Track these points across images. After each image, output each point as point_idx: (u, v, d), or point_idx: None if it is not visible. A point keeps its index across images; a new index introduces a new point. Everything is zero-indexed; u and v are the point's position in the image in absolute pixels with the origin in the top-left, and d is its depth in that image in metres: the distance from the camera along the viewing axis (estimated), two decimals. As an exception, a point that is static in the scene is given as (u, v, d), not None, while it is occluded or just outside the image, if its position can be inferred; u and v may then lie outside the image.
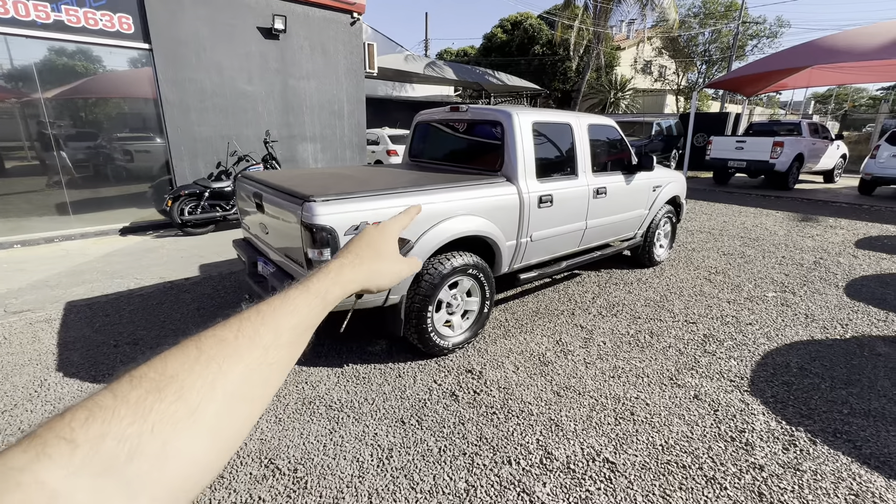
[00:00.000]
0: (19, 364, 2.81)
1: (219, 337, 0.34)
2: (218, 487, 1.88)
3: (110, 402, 0.27)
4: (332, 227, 2.22)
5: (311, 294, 0.42)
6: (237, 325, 0.36)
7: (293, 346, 0.39)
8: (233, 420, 0.32)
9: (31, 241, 5.37)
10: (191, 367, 0.32)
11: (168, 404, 0.29)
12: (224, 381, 0.32)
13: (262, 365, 0.35)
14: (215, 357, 0.33)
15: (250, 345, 0.35)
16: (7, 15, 4.83)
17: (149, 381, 0.29)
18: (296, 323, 0.39)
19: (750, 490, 1.90)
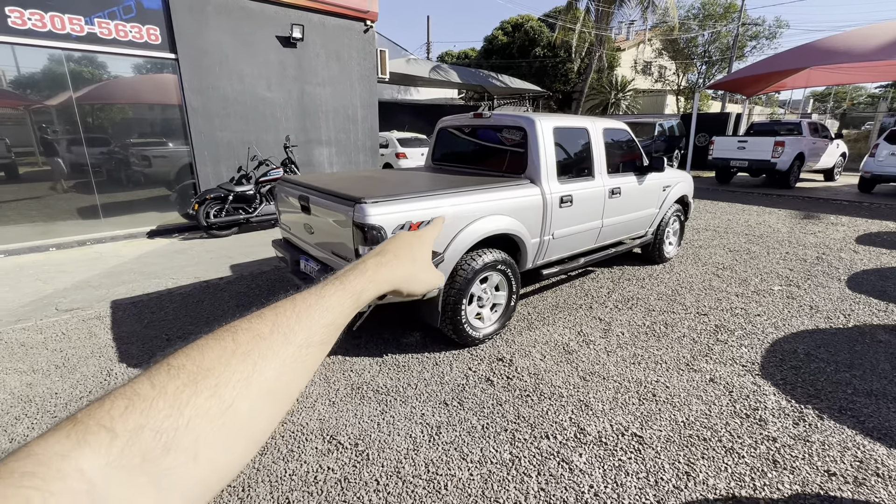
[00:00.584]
0: (83, 356, 3.04)
1: (255, 331, 0.35)
2: (290, 459, 2.10)
3: (149, 392, 0.27)
4: (381, 226, 2.45)
5: (346, 293, 0.42)
6: (272, 319, 0.36)
7: (324, 346, 0.39)
8: (263, 418, 0.33)
9: (65, 244, 5.60)
10: (227, 361, 0.32)
11: (204, 399, 0.29)
12: (259, 378, 0.32)
13: (295, 362, 0.35)
14: (251, 353, 0.33)
15: (285, 342, 0.35)
16: (45, 29, 5.07)
17: (186, 374, 0.30)
18: (329, 321, 0.39)
19: (765, 458, 2.12)
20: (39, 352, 3.10)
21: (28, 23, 4.97)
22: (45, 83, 5.38)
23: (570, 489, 1.94)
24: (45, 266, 4.93)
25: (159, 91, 6.12)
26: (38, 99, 5.39)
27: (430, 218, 2.09)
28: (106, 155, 5.96)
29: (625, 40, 27.81)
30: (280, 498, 1.89)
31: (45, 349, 3.14)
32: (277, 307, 0.37)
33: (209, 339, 0.33)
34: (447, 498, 1.89)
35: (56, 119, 5.58)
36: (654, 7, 16.08)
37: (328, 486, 1.95)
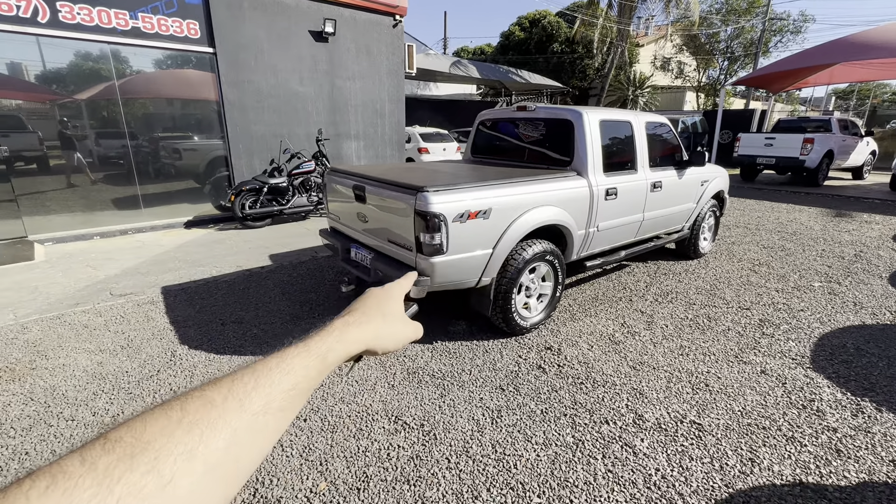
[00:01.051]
0: (145, 338, 3.16)
1: (206, 398, 0.32)
2: (360, 437, 2.18)
3: (77, 469, 0.25)
4: (443, 214, 2.51)
5: (310, 354, 0.40)
6: (228, 385, 0.34)
7: (286, 412, 0.36)
8: (209, 496, 0.30)
9: (109, 233, 5.77)
10: (171, 432, 0.29)
11: (139, 475, 0.26)
12: (205, 451, 0.30)
13: (250, 432, 0.33)
14: (198, 422, 0.31)
15: (239, 409, 0.33)
16: (92, 23, 5.21)
17: (123, 447, 0.27)
18: (290, 386, 0.37)
19: (828, 447, 2.14)
20: (103, 333, 3.23)
21: (77, 17, 5.12)
22: (91, 77, 5.53)
23: (636, 471, 1.98)
24: (91, 253, 5.09)
25: (198, 85, 6.25)
26: (85, 92, 5.55)
27: (486, 208, 2.14)
28: (147, 147, 6.12)
29: (644, 35, 27.44)
30: (357, 472, 1.97)
31: (107, 331, 3.27)
32: (236, 373, 0.35)
33: (156, 409, 0.31)
34: (518, 476, 1.95)
35: (101, 112, 5.74)
36: (678, 1, 15.85)
37: (402, 463, 2.02)
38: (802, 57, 11.01)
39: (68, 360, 2.87)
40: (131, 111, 5.87)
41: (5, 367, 2.76)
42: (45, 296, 3.86)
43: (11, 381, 2.63)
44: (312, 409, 2.38)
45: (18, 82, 5.22)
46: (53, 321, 3.40)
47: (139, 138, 6.00)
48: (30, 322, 3.38)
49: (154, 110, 6.18)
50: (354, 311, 0.50)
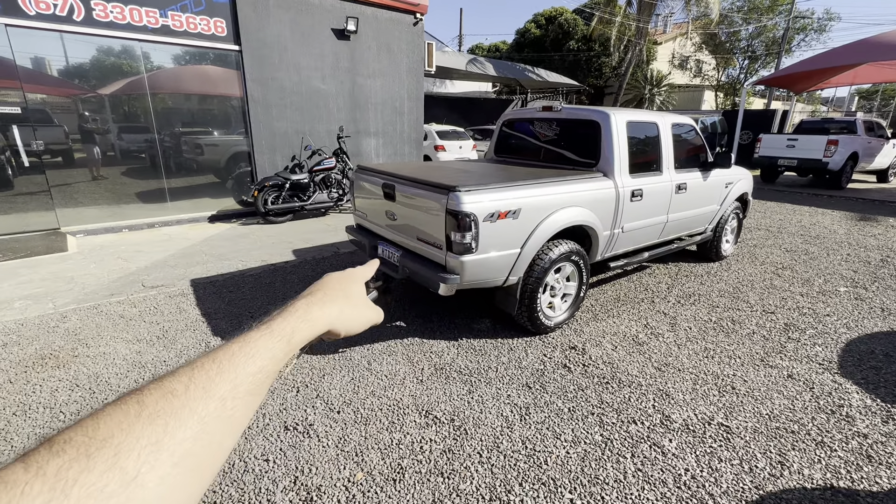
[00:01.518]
0: (179, 330, 3.26)
1: (165, 389, 0.30)
2: (393, 430, 2.24)
3: (21, 477, 0.23)
4: (474, 214, 2.55)
5: (274, 336, 0.39)
6: (188, 374, 0.32)
7: (253, 396, 0.35)
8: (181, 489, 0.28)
9: (136, 226, 5.93)
10: (130, 425, 0.27)
11: (98, 475, 0.24)
12: (171, 442, 0.28)
13: (218, 419, 0.31)
14: (160, 413, 0.29)
15: (205, 396, 0.31)
16: (124, 21, 5.34)
17: (74, 448, 0.25)
18: (257, 369, 0.36)
19: (858, 453, 2.14)
20: (138, 324, 3.34)
21: (110, 15, 5.25)
22: (120, 73, 5.68)
23: (666, 471, 2.01)
24: (121, 246, 5.24)
25: (223, 81, 6.37)
26: (114, 87, 5.70)
27: (516, 208, 2.18)
28: (173, 142, 6.26)
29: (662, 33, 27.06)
30: (392, 463, 2.03)
31: (142, 321, 3.38)
32: (194, 363, 0.34)
33: (107, 407, 0.28)
34: (549, 472, 1.99)
35: (130, 107, 5.89)
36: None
37: (435, 456, 2.08)
38: (828, 57, 10.79)
39: (108, 348, 2.98)
40: (159, 107, 6.01)
41: (50, 355, 2.88)
42: (81, 286, 3.99)
43: (56, 368, 2.74)
44: (345, 402, 2.45)
45: (50, 78, 5.38)
46: (91, 311, 3.53)
47: (166, 133, 6.14)
48: (68, 311, 3.51)
49: (181, 106, 6.31)
50: (316, 292, 0.49)
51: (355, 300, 0.52)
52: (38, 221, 5.47)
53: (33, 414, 2.33)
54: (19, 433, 2.19)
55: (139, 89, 5.80)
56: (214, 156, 6.73)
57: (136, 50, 5.62)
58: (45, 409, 2.36)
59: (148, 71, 5.78)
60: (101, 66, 5.55)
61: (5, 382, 2.58)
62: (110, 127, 5.81)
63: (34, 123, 5.23)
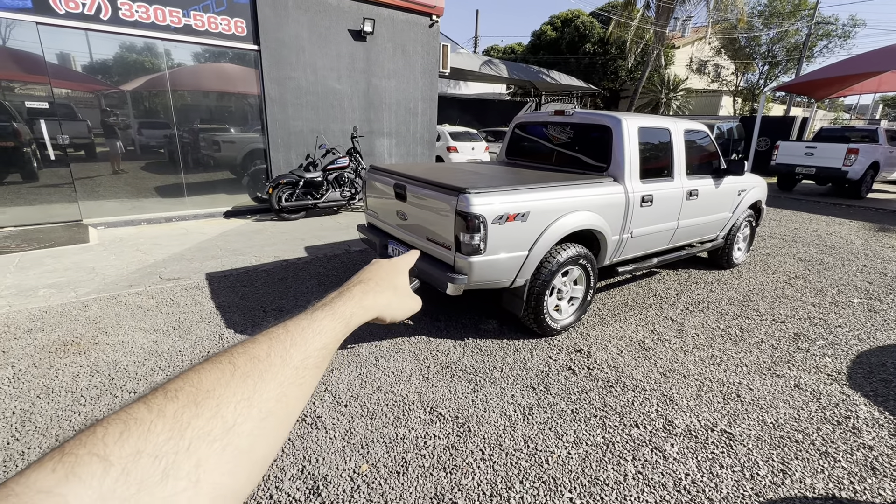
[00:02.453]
0: (194, 321, 3.36)
1: (251, 354, 0.34)
2: (398, 425, 2.30)
3: (146, 415, 0.26)
4: (483, 215, 2.59)
5: (336, 318, 0.43)
6: (267, 343, 0.36)
7: (318, 369, 0.39)
8: (266, 440, 0.32)
9: (155, 219, 6.09)
10: (227, 382, 0.31)
11: (206, 420, 0.28)
12: (260, 400, 0.32)
13: (293, 385, 0.35)
14: (250, 374, 0.32)
15: (283, 364, 0.35)
16: (149, 20, 5.50)
17: (185, 395, 0.29)
18: (322, 345, 0.39)
19: (862, 464, 2.14)
20: (155, 315, 3.45)
21: (135, 15, 5.41)
22: (143, 69, 5.84)
23: (667, 475, 2.03)
24: (140, 238, 5.40)
25: (242, 80, 6.51)
26: (137, 84, 5.86)
27: (525, 211, 2.22)
28: (191, 138, 6.41)
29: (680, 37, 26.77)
30: (396, 457, 2.08)
31: (159, 312, 3.49)
32: (271, 332, 0.37)
33: (205, 364, 0.32)
34: (550, 472, 2.03)
35: (152, 103, 6.06)
36: (720, 2, 15.42)
37: (438, 451, 2.12)
38: (851, 63, 10.59)
39: (126, 337, 3.09)
40: (179, 103, 6.16)
41: (72, 342, 3.00)
42: (102, 277, 4.13)
43: (78, 354, 2.85)
44: (352, 396, 2.52)
45: (76, 73, 5.55)
46: (110, 301, 3.65)
47: (185, 129, 6.29)
48: (90, 300, 3.64)
49: (199, 103, 6.47)
50: (369, 280, 0.52)
51: (402, 291, 0.56)
52: (62, 213, 5.66)
53: (55, 397, 2.44)
54: (43, 415, 2.30)
55: (160, 86, 5.96)
56: (231, 152, 6.88)
57: (158, 48, 5.78)
58: (67, 393, 2.47)
59: (169, 68, 5.94)
60: (124, 62, 5.72)
61: (30, 367, 2.70)
62: (131, 122, 5.98)
63: (60, 118, 5.41)
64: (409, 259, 0.63)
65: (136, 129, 6.05)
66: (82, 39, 5.36)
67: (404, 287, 0.57)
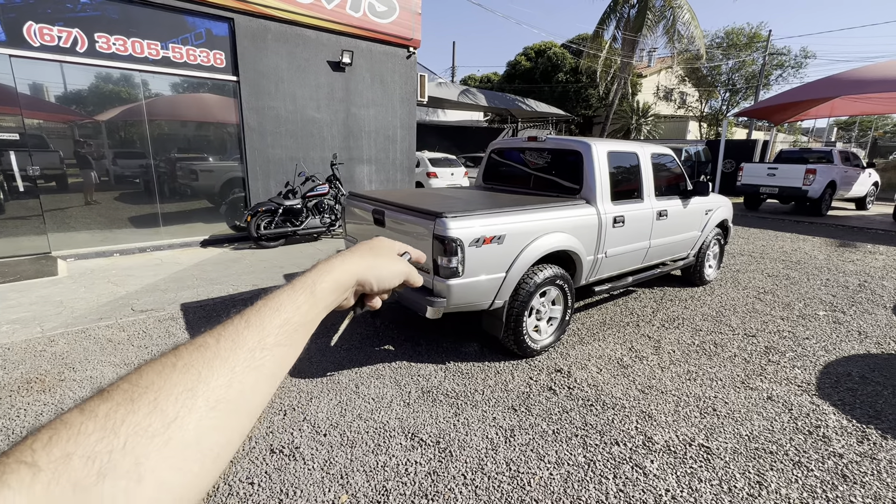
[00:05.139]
0: (167, 353, 3.26)
1: (197, 344, 0.33)
2: (378, 453, 2.26)
3: (77, 418, 0.26)
4: (460, 239, 2.64)
5: (295, 289, 0.41)
6: (218, 331, 0.35)
7: (284, 347, 0.37)
8: (218, 432, 0.31)
9: (128, 250, 5.95)
10: (168, 375, 0.30)
11: (142, 416, 0.27)
12: (205, 388, 0.31)
13: (248, 369, 0.33)
14: (194, 363, 0.31)
15: (233, 347, 0.34)
16: (126, 53, 5.53)
17: (120, 393, 0.28)
18: (282, 321, 0.37)
19: (834, 472, 2.20)
20: (126, 347, 3.34)
21: (112, 47, 5.44)
22: (119, 100, 5.83)
23: (647, 492, 2.04)
24: (112, 270, 5.25)
25: (220, 109, 6.55)
26: (112, 114, 5.83)
27: (501, 233, 2.27)
28: (168, 167, 6.37)
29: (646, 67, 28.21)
30: (377, 486, 2.04)
31: (131, 346, 3.38)
32: (225, 322, 0.37)
33: (150, 361, 0.32)
34: (532, 494, 2.02)
35: (127, 133, 6.02)
36: (680, 36, 16.41)
37: (419, 478, 2.09)
38: (802, 90, 11.33)
39: (95, 372, 2.98)
40: (156, 133, 6.14)
41: (36, 378, 2.87)
42: (70, 310, 3.99)
43: (42, 392, 2.73)
44: (332, 425, 2.47)
45: (49, 104, 5.50)
46: (79, 335, 3.52)
47: (161, 159, 6.25)
48: (56, 335, 3.50)
49: (177, 132, 6.46)
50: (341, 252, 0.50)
51: (383, 252, 0.51)
52: (29, 245, 5.48)
53: (16, 438, 2.31)
54: (1, 458, 2.17)
55: (136, 116, 5.94)
56: (209, 181, 6.84)
57: (135, 78, 5.79)
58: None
59: (146, 98, 5.94)
60: (99, 93, 5.70)
61: (-11, 407, 2.57)
62: (106, 152, 5.91)
63: (31, 149, 5.32)
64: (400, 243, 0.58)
65: (111, 160, 5.98)
66: (57, 71, 5.34)
67: (387, 251, 0.53)
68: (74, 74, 5.45)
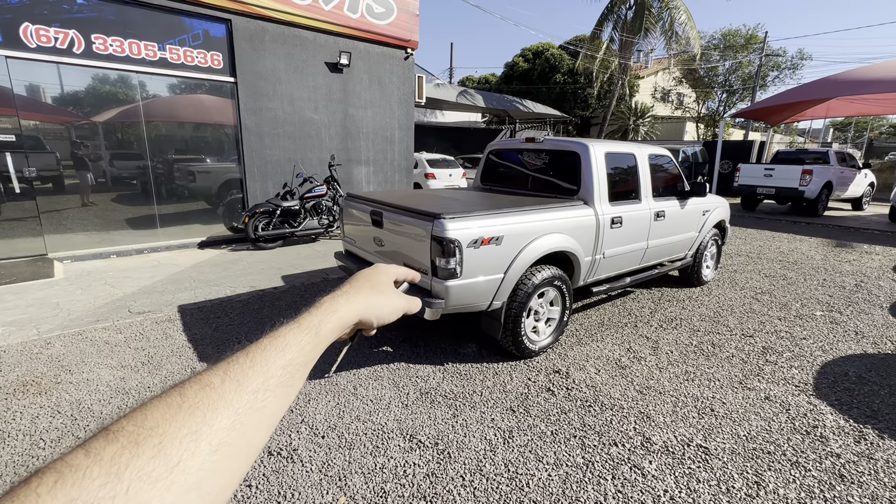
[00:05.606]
0: (165, 355, 3.25)
1: (203, 383, 0.33)
2: (377, 454, 2.25)
3: (82, 461, 0.26)
4: (458, 240, 2.64)
5: (301, 330, 0.41)
6: (224, 368, 0.35)
7: (285, 388, 0.37)
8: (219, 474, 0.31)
9: (125, 252, 5.93)
10: (173, 416, 0.30)
11: (146, 460, 0.27)
12: (209, 432, 0.31)
13: (251, 410, 0.34)
14: (199, 405, 0.31)
15: (238, 389, 0.34)
16: (123, 54, 5.52)
17: (126, 435, 0.28)
18: (286, 362, 0.38)
19: (831, 472, 2.20)
20: (123, 350, 3.33)
21: (109, 49, 5.42)
22: (116, 101, 5.81)
23: (646, 493, 2.04)
24: (109, 272, 5.23)
25: (218, 111, 6.54)
26: (110, 115, 5.82)
27: (499, 234, 2.28)
28: (165, 169, 6.35)
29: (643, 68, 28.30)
30: (375, 488, 2.04)
31: (127, 347, 3.37)
32: (231, 358, 0.36)
33: (155, 399, 0.32)
34: (531, 495, 2.01)
35: (124, 134, 6.00)
36: (678, 37, 16.47)
37: (418, 480, 2.09)
38: (798, 91, 11.38)
39: (91, 374, 2.97)
40: (153, 134, 6.12)
41: (32, 381, 2.86)
42: (67, 312, 3.97)
43: (38, 395, 2.72)
44: (330, 427, 2.46)
45: (45, 105, 5.48)
46: (75, 337, 3.51)
47: (158, 160, 6.23)
48: (52, 337, 3.49)
49: (174, 133, 6.44)
50: (345, 286, 0.50)
51: (382, 288, 0.52)
52: (26, 247, 5.46)
53: (12, 441, 2.30)
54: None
55: (133, 117, 5.92)
56: (206, 182, 6.82)
57: (132, 80, 5.78)
58: (25, 437, 2.34)
59: (143, 99, 5.93)
60: (96, 94, 5.68)
61: (-16, 410, 2.55)
62: (102, 154, 5.89)
63: (27, 150, 5.30)
64: (397, 269, 0.59)
65: (108, 161, 5.96)
66: (53, 72, 5.32)
67: (385, 286, 0.53)
68: (71, 75, 5.43)
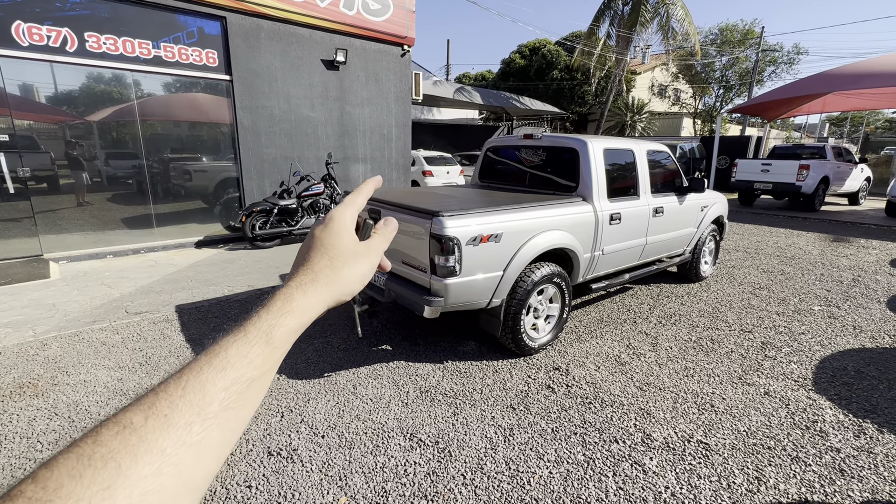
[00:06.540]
0: (162, 356, 3.24)
1: (122, 424, 0.28)
2: (377, 454, 2.24)
3: None
4: (457, 238, 2.63)
5: (248, 340, 0.35)
6: (150, 402, 0.30)
7: (234, 410, 0.32)
8: None
9: (121, 252, 5.89)
10: (80, 472, 0.25)
11: None
12: (126, 483, 0.26)
13: (183, 447, 0.29)
14: (115, 453, 0.27)
15: (164, 426, 0.29)
16: (117, 52, 5.46)
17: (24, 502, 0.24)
18: (230, 382, 0.33)
19: (831, 467, 2.21)
20: (121, 351, 3.31)
21: (103, 47, 5.37)
22: (110, 100, 5.76)
23: (647, 489, 2.04)
24: (105, 272, 5.20)
25: (213, 109, 6.49)
26: (104, 115, 5.76)
27: (498, 232, 2.26)
28: (161, 168, 6.30)
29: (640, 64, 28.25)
30: (376, 487, 2.03)
31: (125, 348, 3.34)
32: (160, 387, 0.31)
33: (64, 451, 0.27)
34: (532, 493, 2.01)
35: (119, 133, 5.95)
36: (674, 33, 16.45)
37: (419, 479, 2.08)
38: (795, 87, 11.39)
39: (89, 376, 2.94)
40: (148, 133, 6.07)
41: (28, 383, 2.83)
42: (63, 313, 3.95)
43: (35, 397, 2.69)
44: (330, 427, 2.45)
45: (39, 105, 5.43)
46: (72, 338, 3.48)
47: (154, 159, 6.19)
48: (49, 339, 3.46)
49: (170, 132, 6.39)
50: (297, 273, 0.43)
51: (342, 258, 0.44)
52: (21, 248, 5.41)
53: (9, 444, 2.28)
54: (-6, 464, 2.14)
55: (129, 116, 5.87)
56: (203, 182, 6.78)
57: (127, 78, 5.72)
58: (22, 439, 2.32)
59: (138, 98, 5.87)
60: (91, 93, 5.63)
61: (-19, 412, 2.53)
62: (98, 153, 5.84)
63: (21, 150, 5.24)
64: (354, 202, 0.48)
65: (103, 160, 5.91)
66: (47, 71, 5.27)
67: (349, 252, 0.45)
68: (65, 74, 5.37)
